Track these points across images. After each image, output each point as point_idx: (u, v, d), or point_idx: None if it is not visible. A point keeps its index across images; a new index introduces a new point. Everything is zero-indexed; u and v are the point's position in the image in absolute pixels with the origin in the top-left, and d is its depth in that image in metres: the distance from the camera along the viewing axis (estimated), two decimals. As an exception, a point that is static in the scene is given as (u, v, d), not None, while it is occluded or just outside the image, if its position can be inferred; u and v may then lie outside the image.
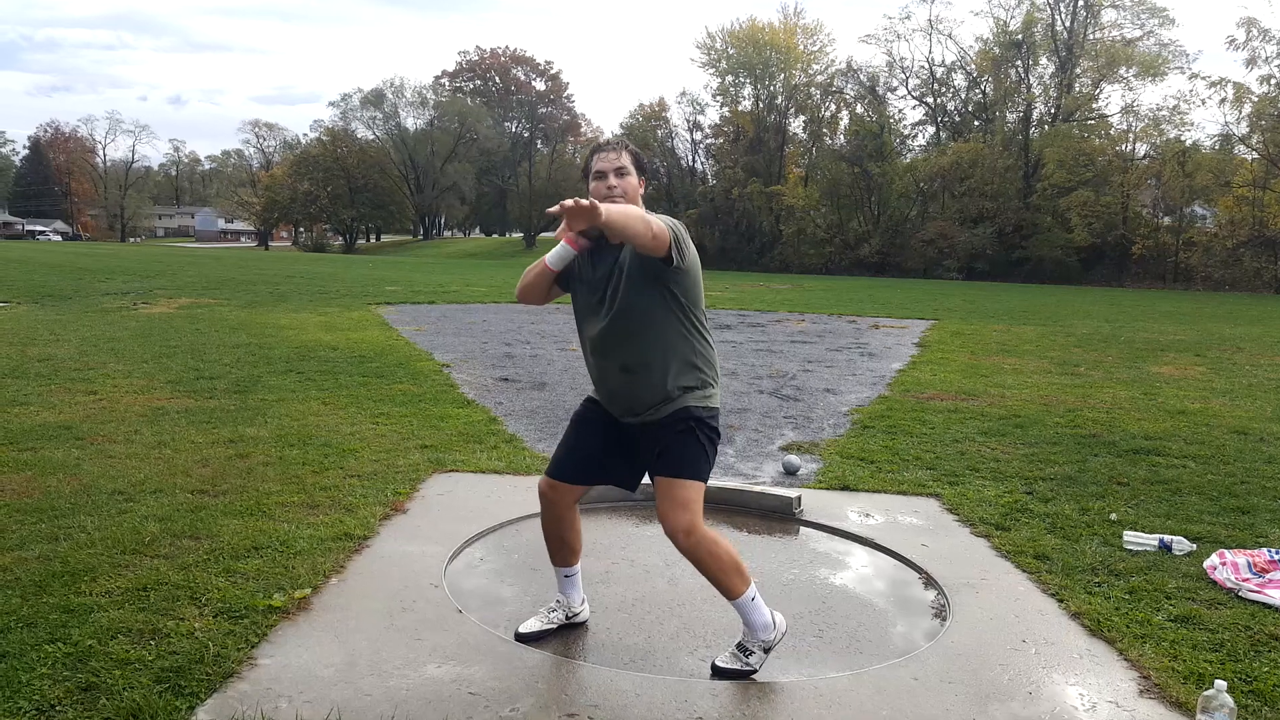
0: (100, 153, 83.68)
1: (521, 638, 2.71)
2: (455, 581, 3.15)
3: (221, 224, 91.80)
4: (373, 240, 73.81)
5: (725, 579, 2.52)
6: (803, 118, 42.83)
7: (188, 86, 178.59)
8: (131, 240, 76.49)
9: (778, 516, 3.94)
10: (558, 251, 2.47)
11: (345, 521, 3.60)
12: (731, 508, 4.03)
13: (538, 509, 3.82)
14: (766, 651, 2.57)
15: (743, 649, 2.58)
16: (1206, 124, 46.30)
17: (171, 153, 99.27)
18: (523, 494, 4.13)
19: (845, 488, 4.42)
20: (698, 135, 47.87)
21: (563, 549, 2.79)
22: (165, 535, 3.39)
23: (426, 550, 3.37)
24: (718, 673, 2.54)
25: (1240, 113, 30.87)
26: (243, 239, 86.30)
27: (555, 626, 2.79)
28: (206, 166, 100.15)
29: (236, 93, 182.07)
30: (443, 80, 71.38)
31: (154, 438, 4.93)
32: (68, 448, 4.66)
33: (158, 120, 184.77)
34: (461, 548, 3.46)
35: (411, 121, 68.47)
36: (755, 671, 2.54)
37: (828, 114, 42.14)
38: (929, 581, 3.29)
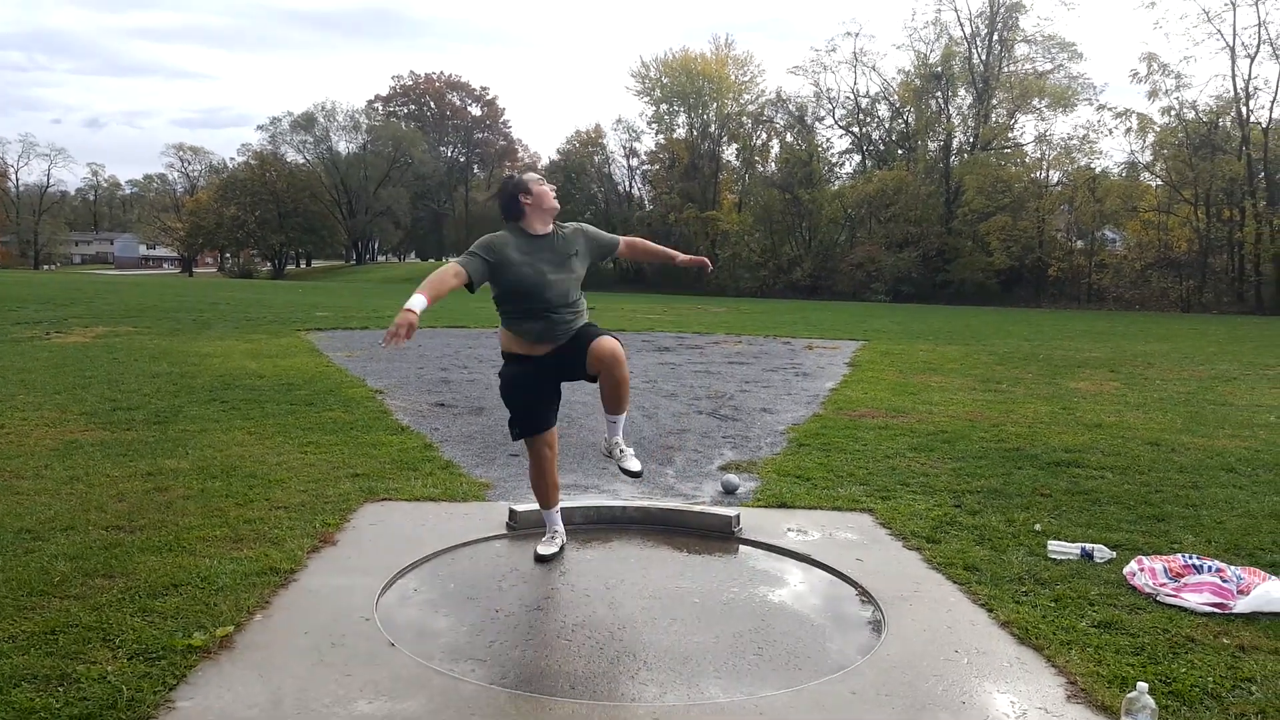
0: (12, 177, 79.69)
1: (542, 558, 3.55)
2: (388, 614, 3.06)
3: (143, 250, 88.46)
4: (303, 266, 72.03)
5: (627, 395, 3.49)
6: (735, 145, 43.64)
7: (106, 109, 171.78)
8: (46, 268, 72.87)
9: (717, 535, 3.95)
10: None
11: (271, 555, 3.47)
12: (672, 528, 4.02)
13: (475, 536, 3.83)
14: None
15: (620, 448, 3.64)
16: (1114, 152, 48.97)
17: (90, 177, 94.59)
18: (459, 521, 4.05)
19: (783, 505, 4.46)
20: (634, 161, 48.36)
21: (553, 491, 3.65)
22: (76, 574, 3.21)
23: (357, 582, 3.27)
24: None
25: (1144, 142, 32.75)
26: (166, 265, 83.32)
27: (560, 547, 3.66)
28: (127, 191, 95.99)
29: (158, 116, 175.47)
30: (376, 104, 70.54)
31: (65, 472, 4.68)
32: (-31, 485, 4.40)
33: (74, 144, 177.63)
34: (394, 579, 3.36)
35: (344, 145, 67.33)
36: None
37: (759, 142, 43.06)
38: (864, 595, 3.33)
